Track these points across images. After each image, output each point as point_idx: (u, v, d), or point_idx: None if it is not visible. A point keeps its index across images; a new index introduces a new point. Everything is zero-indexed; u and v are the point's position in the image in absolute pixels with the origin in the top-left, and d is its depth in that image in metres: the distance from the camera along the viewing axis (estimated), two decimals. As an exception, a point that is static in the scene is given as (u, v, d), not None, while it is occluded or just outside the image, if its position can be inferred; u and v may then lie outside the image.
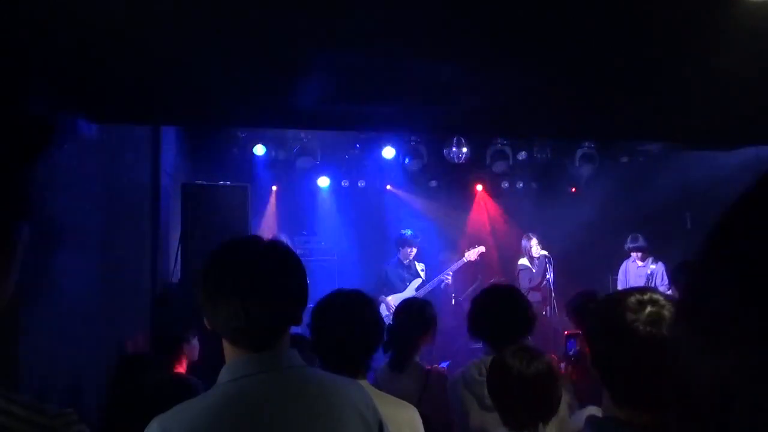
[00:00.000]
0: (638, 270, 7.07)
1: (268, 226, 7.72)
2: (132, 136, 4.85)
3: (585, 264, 7.98)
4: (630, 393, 1.39)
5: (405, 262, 7.13)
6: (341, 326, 2.13)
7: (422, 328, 3.30)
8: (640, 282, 6.92)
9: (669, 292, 6.59)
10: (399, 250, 7.16)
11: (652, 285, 6.82)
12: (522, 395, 2.04)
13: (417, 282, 7.07)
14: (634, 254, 7.09)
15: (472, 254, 7.29)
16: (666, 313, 1.37)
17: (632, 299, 1.38)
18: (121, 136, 4.49)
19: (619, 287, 6.63)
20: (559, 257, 7.43)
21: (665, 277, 6.93)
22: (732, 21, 2.76)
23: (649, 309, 1.36)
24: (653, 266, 7.04)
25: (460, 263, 7.29)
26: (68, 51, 2.95)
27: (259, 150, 7.45)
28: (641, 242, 7.05)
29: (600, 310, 1.49)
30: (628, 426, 1.38)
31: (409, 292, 6.88)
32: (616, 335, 1.38)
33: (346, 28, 2.88)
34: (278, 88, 3.67)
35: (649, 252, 7.09)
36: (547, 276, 7.20)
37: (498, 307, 2.82)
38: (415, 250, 7.14)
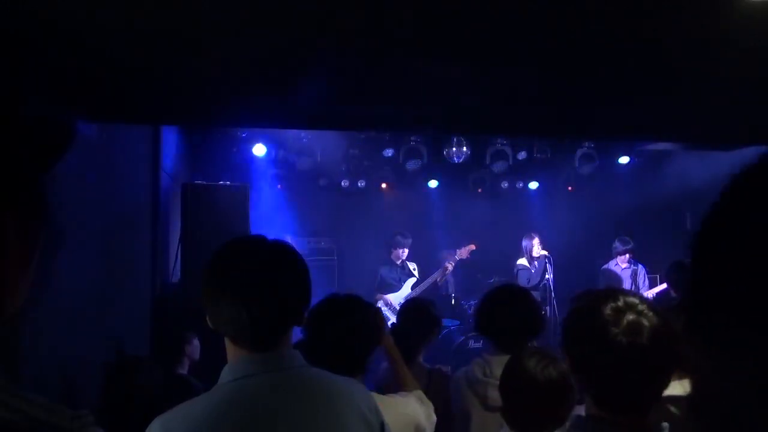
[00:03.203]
0: (623, 272, 7.12)
1: (269, 226, 7.74)
2: (132, 136, 4.84)
3: (585, 264, 7.98)
4: (610, 396, 1.41)
5: (398, 262, 7.20)
6: (337, 331, 2.13)
7: (426, 328, 3.29)
8: (626, 282, 7.03)
9: (649, 291, 6.70)
10: (391, 252, 7.23)
11: (638, 283, 6.95)
12: (531, 399, 1.99)
13: (412, 281, 7.15)
14: (620, 257, 7.15)
15: (463, 252, 7.37)
16: (645, 321, 1.38)
17: (608, 308, 1.39)
18: (121, 136, 4.48)
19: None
20: (558, 257, 7.44)
21: (646, 278, 7.03)
22: (732, 21, 2.76)
23: (628, 317, 1.37)
24: (635, 267, 7.11)
25: (453, 259, 7.34)
26: (68, 50, 2.95)
27: (259, 150, 7.45)
28: (631, 244, 7.11)
29: (577, 318, 1.49)
30: (610, 425, 1.40)
31: (405, 290, 7.01)
32: (596, 344, 1.38)
33: (346, 29, 2.88)
34: (278, 89, 3.67)
35: (634, 253, 7.19)
36: (547, 276, 7.21)
37: (511, 306, 2.76)
38: (406, 251, 7.21)
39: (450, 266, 7.27)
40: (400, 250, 7.19)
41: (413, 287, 7.07)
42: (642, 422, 1.41)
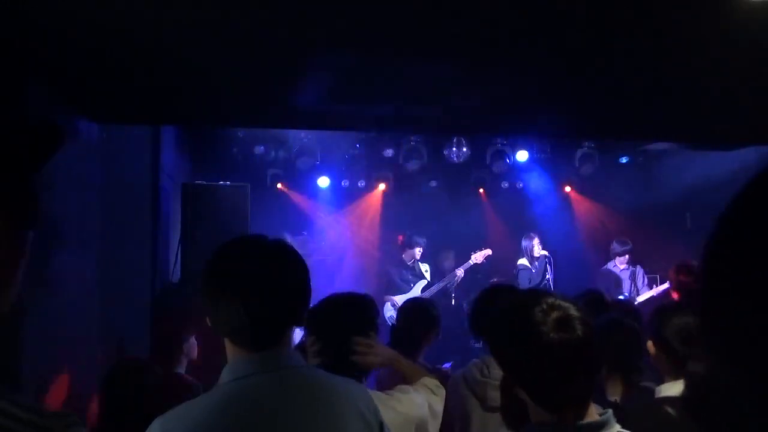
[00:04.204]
0: (622, 272, 7.12)
1: (269, 226, 7.74)
2: (132, 136, 4.84)
3: (584, 264, 7.98)
4: (550, 395, 1.41)
5: (409, 263, 7.12)
6: (335, 331, 2.12)
7: (426, 328, 3.29)
8: (625, 283, 7.02)
9: (649, 292, 6.67)
10: (404, 251, 7.14)
11: (637, 284, 6.93)
12: None
13: (422, 283, 7.04)
14: (618, 258, 7.15)
15: (478, 256, 7.27)
16: (573, 313, 1.40)
17: (537, 308, 1.40)
18: (121, 136, 4.48)
19: (605, 290, 6.67)
20: (558, 257, 7.43)
21: (645, 278, 7.02)
22: (732, 21, 2.76)
23: (555, 314, 1.39)
24: (633, 267, 7.11)
25: (466, 265, 7.26)
26: (69, 51, 2.95)
27: (259, 150, 7.43)
28: (629, 246, 7.11)
29: (506, 320, 1.50)
30: (558, 427, 1.40)
31: (415, 293, 6.85)
32: (529, 347, 1.39)
33: (345, 29, 2.88)
34: (278, 88, 3.67)
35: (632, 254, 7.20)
36: (547, 276, 7.20)
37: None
38: (420, 250, 7.13)
39: (461, 272, 7.18)
40: (416, 249, 7.11)
41: (423, 290, 6.94)
42: (589, 416, 1.42)
